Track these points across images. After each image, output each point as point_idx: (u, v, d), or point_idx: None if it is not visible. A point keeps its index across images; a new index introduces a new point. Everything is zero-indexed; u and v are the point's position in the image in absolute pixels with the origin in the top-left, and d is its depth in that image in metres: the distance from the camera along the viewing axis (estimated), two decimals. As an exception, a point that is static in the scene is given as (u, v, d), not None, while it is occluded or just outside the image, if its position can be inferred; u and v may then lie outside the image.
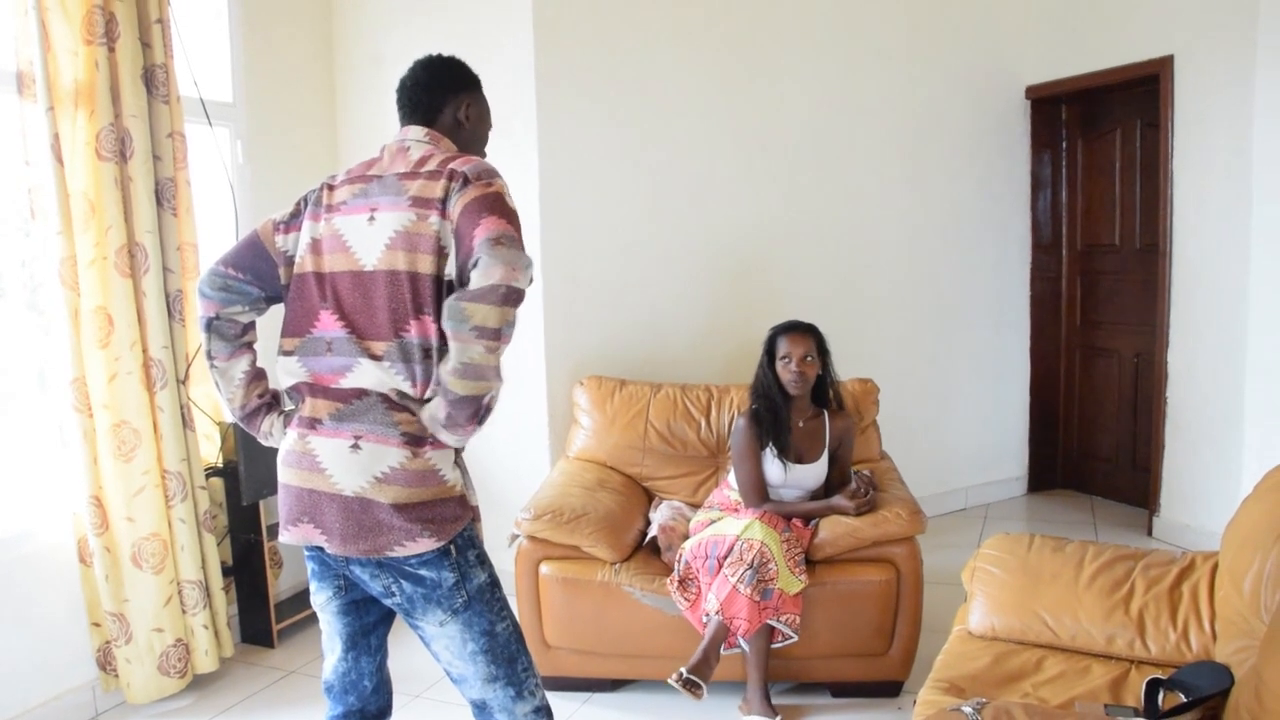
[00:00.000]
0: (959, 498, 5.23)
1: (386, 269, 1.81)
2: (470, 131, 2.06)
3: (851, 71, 4.66)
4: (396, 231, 1.81)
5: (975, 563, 2.60)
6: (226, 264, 1.97)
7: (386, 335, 1.81)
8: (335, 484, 1.80)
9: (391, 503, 1.78)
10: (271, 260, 1.96)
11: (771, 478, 3.25)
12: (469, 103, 2.06)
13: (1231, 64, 4.11)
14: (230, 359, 2.00)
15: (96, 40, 2.99)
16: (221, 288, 1.96)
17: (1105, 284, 5.23)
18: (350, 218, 1.88)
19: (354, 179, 1.94)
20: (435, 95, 2.02)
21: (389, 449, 1.79)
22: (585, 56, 4.01)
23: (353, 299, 1.84)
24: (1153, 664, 2.25)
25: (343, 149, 4.32)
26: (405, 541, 1.79)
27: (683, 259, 4.30)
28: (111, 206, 3.06)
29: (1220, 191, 4.23)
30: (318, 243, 1.91)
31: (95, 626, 3.19)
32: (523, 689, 1.96)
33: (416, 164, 1.89)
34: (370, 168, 1.95)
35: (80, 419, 3.04)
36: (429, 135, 1.97)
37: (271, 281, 1.97)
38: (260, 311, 2.03)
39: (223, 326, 1.98)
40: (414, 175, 1.86)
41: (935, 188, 4.96)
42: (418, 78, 2.04)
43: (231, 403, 2.04)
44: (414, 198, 1.82)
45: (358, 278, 1.84)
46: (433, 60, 2.07)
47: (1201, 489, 4.42)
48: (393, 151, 1.95)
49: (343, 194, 1.92)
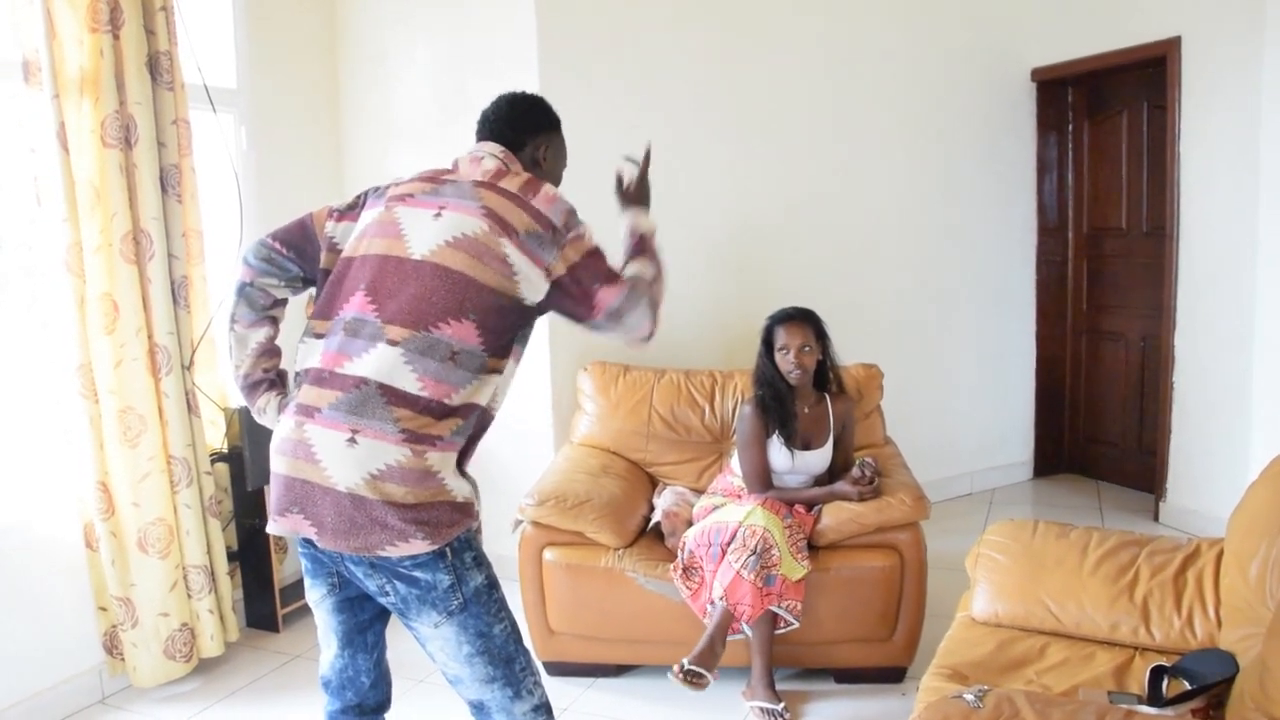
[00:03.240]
0: (964, 483, 5.23)
1: (438, 263, 1.82)
2: (546, 172, 2.12)
3: (856, 54, 4.63)
4: (464, 234, 1.83)
5: (979, 549, 2.60)
6: (275, 238, 2.01)
7: (411, 324, 1.79)
8: (329, 477, 1.76)
9: (386, 501, 1.73)
10: (317, 244, 2.00)
11: (778, 464, 3.25)
12: (546, 145, 2.13)
13: (1239, 45, 4.07)
14: (251, 326, 2.03)
15: (101, 28, 2.98)
16: (265, 259, 2.00)
17: (1112, 267, 5.21)
18: (415, 210, 1.91)
19: (426, 179, 1.98)
20: (518, 133, 2.09)
21: (388, 445, 1.74)
22: (587, 46, 3.99)
23: (389, 283, 1.84)
24: (1157, 651, 2.26)
25: (346, 135, 4.31)
26: (398, 542, 1.74)
27: (685, 244, 4.26)
28: (116, 193, 3.06)
29: (1228, 174, 4.20)
30: (370, 227, 1.93)
31: (102, 611, 3.21)
32: (521, 688, 1.94)
33: (493, 175, 1.95)
34: (443, 174, 1.99)
35: (86, 405, 3.06)
36: (504, 152, 2.03)
37: (312, 264, 2.01)
38: (295, 290, 2.06)
39: (254, 294, 2.01)
40: (489, 186, 1.91)
41: (940, 171, 4.93)
42: (500, 113, 2.11)
43: (238, 369, 2.05)
44: (488, 209, 1.86)
45: (401, 264, 1.85)
46: (516, 99, 2.14)
47: (1208, 474, 4.41)
48: (467, 161, 2.00)
49: (411, 188, 1.96)
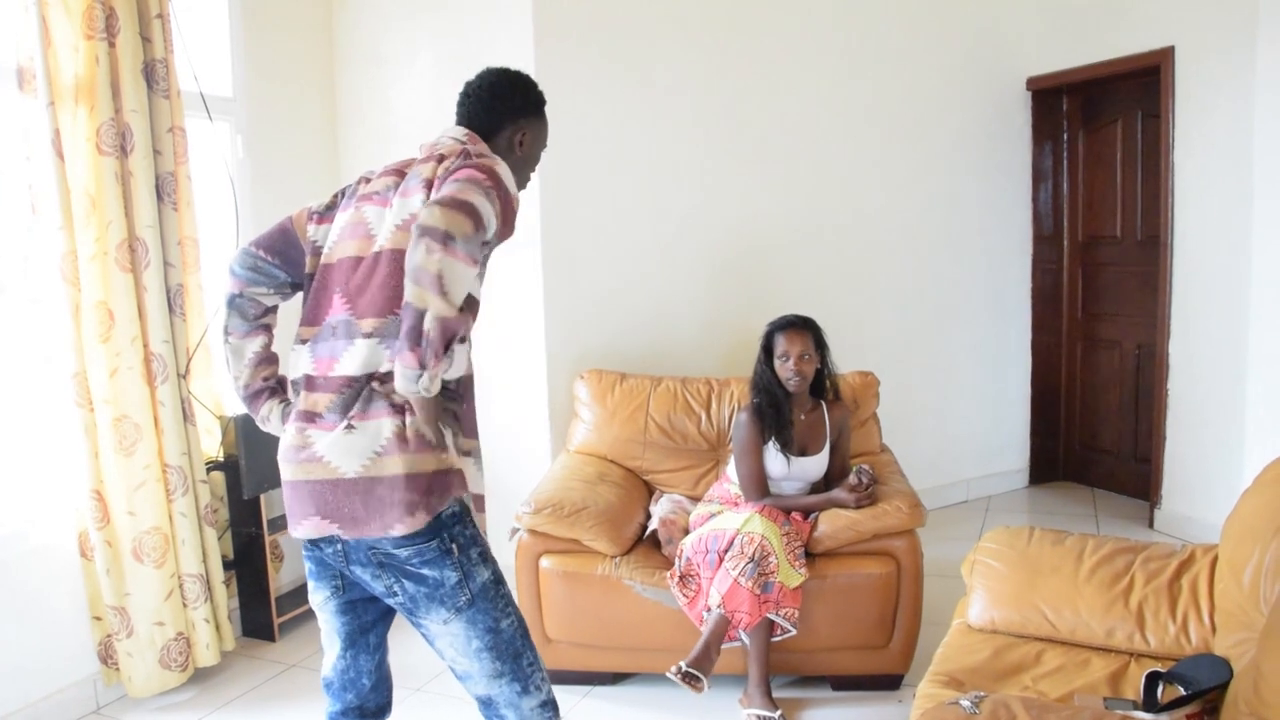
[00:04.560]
0: (960, 490, 5.23)
1: (393, 248, 1.83)
2: (521, 158, 2.08)
3: (852, 63, 4.65)
4: (410, 214, 1.84)
5: (975, 556, 2.60)
6: (259, 246, 2.02)
7: (381, 312, 1.82)
8: (336, 469, 1.79)
9: (391, 475, 1.77)
10: (301, 248, 2.01)
11: (774, 471, 3.25)
12: (526, 130, 2.07)
13: (1233, 55, 4.10)
14: (245, 337, 2.03)
15: (97, 35, 2.99)
16: (250, 268, 2.00)
17: (1106, 275, 5.22)
18: (379, 207, 1.92)
19: (389, 172, 1.97)
20: (495, 116, 2.03)
21: (383, 421, 1.78)
22: (585, 52, 4.00)
23: (358, 281, 1.86)
24: (1152, 657, 2.26)
25: (342, 143, 4.32)
26: (404, 518, 1.77)
27: (683, 252, 4.30)
28: (112, 201, 3.06)
29: (1222, 183, 4.22)
30: (344, 230, 1.94)
31: (96, 620, 3.20)
32: (529, 684, 1.96)
33: (437, 150, 1.92)
34: (407, 164, 1.97)
35: (81, 413, 3.05)
36: (467, 135, 1.99)
37: (298, 269, 2.01)
38: (284, 296, 2.07)
39: (244, 305, 2.02)
40: (428, 160, 1.90)
41: (936, 179, 4.95)
42: (480, 94, 2.04)
43: (238, 380, 2.06)
44: (425, 180, 1.85)
45: (367, 260, 1.87)
46: (497, 81, 2.05)
47: (1203, 481, 4.42)
48: (426, 146, 1.98)
49: (376, 185, 1.96)
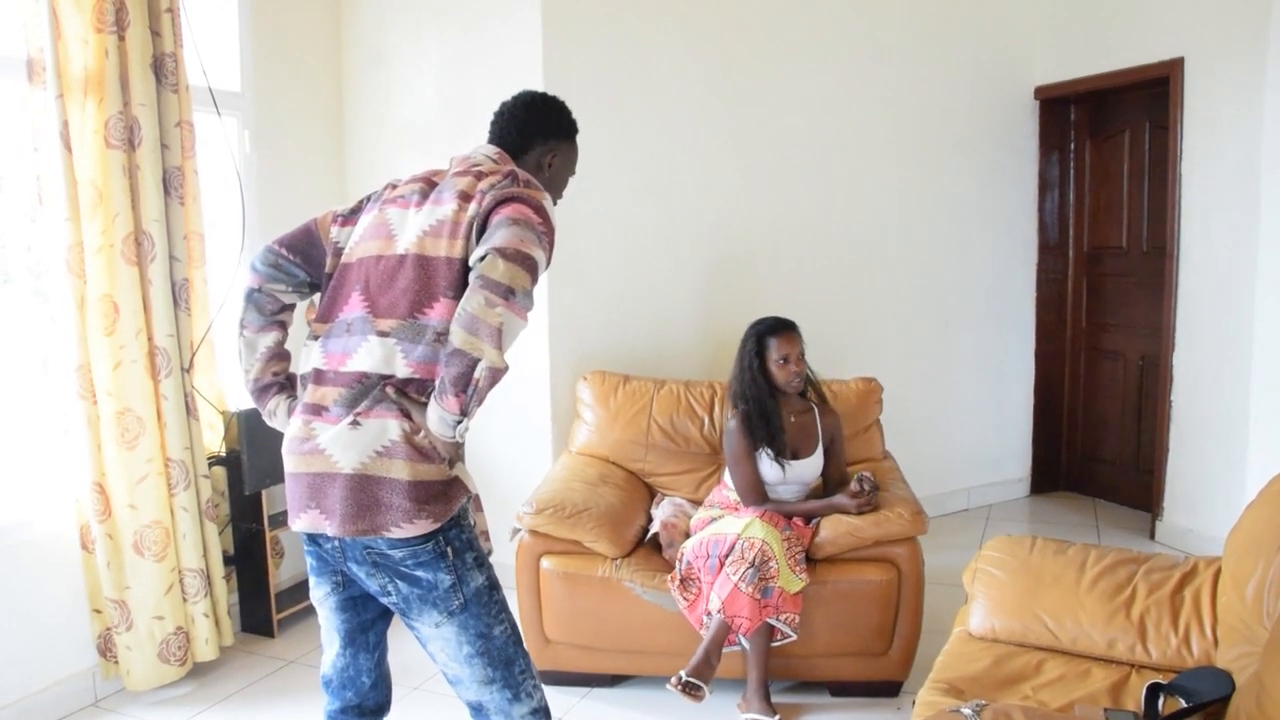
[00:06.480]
0: (961, 498, 5.22)
1: (418, 253, 1.85)
2: (549, 179, 2.12)
3: (858, 70, 4.65)
4: (440, 220, 1.85)
5: (976, 564, 2.60)
6: (281, 244, 2.04)
7: (401, 315, 1.83)
8: (336, 464, 1.80)
9: (393, 478, 1.77)
10: (322, 249, 2.03)
11: (769, 477, 3.25)
12: (555, 152, 2.14)
13: (1243, 67, 4.09)
14: (259, 331, 2.05)
15: (107, 28, 2.99)
16: (272, 265, 2.02)
17: (1111, 286, 5.22)
18: (403, 210, 1.94)
19: (416, 180, 2.00)
20: (527, 134, 2.10)
21: (389, 422, 1.78)
22: (592, 55, 4.00)
23: (379, 280, 1.88)
24: (1153, 669, 2.25)
25: (349, 139, 4.32)
26: (403, 523, 1.77)
27: (686, 256, 4.30)
28: (119, 194, 3.06)
29: (1229, 195, 4.21)
30: (367, 230, 1.96)
31: (96, 613, 3.20)
32: (520, 691, 1.96)
33: (474, 166, 1.95)
34: (436, 174, 2.01)
35: (84, 406, 3.05)
36: (499, 154, 2.03)
37: (318, 269, 2.03)
38: (302, 295, 2.09)
39: (262, 300, 2.04)
40: (465, 174, 1.92)
41: (942, 187, 4.94)
42: (515, 111, 2.11)
43: (248, 374, 2.07)
44: (461, 192, 1.87)
45: (389, 261, 1.88)
46: (533, 101, 2.14)
47: (1205, 493, 4.41)
48: (459, 160, 2.01)
49: (402, 190, 1.98)
